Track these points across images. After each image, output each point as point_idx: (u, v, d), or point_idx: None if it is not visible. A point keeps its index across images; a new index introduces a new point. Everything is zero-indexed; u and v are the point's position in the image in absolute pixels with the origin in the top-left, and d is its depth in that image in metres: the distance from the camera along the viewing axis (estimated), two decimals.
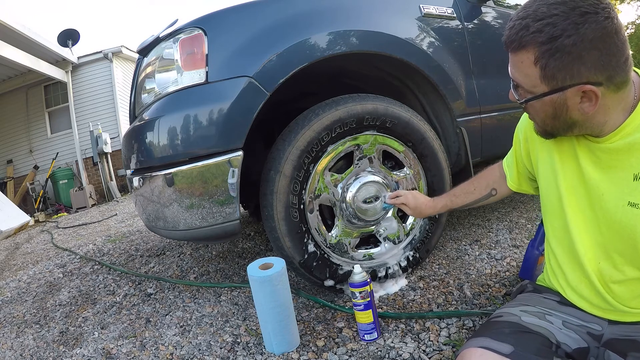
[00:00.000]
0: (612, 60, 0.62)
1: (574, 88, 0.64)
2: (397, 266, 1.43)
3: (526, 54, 0.66)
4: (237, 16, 1.27)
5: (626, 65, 0.64)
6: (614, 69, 0.63)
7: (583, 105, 0.66)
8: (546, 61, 0.64)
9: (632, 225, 0.70)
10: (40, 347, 1.43)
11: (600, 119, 0.68)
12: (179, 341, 1.29)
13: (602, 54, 0.61)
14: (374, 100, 1.34)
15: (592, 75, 0.63)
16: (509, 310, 0.84)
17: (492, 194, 1.07)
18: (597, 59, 0.61)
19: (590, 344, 0.77)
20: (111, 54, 8.31)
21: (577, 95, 0.65)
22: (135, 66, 1.63)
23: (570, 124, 0.70)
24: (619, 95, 0.66)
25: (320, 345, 1.13)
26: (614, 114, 0.68)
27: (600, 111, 0.67)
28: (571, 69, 0.63)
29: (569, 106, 0.67)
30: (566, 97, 0.66)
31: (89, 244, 3.26)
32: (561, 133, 0.75)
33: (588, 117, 0.68)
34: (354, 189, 1.33)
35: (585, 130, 0.72)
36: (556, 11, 0.61)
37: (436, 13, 1.53)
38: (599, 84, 0.63)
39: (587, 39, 0.60)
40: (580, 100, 0.66)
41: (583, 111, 0.67)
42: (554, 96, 0.67)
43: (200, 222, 1.22)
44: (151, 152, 1.23)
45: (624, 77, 0.64)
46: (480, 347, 0.72)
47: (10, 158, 8.39)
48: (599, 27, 0.60)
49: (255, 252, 2.11)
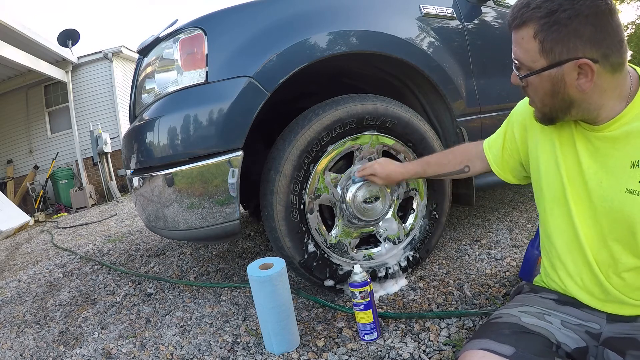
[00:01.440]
0: (607, 38, 0.66)
1: (571, 62, 0.68)
2: (397, 266, 1.43)
3: (526, 29, 0.70)
4: (237, 16, 1.27)
5: (621, 47, 0.67)
6: (608, 47, 0.66)
7: (580, 82, 0.69)
8: (544, 34, 0.68)
9: (629, 212, 0.71)
10: (40, 347, 1.43)
11: (597, 100, 0.71)
12: (179, 341, 1.29)
13: (597, 31, 0.65)
14: (374, 100, 1.34)
15: (587, 50, 0.66)
16: (508, 311, 0.84)
17: (465, 170, 1.09)
18: (592, 34, 0.65)
19: (589, 343, 0.77)
20: (111, 54, 8.31)
21: (574, 70, 0.68)
22: (135, 66, 1.63)
23: (568, 103, 0.73)
24: (615, 78, 0.69)
25: (320, 345, 1.13)
26: (611, 99, 0.71)
27: (596, 91, 0.70)
28: (567, 42, 0.67)
29: (567, 82, 0.70)
30: (564, 72, 0.69)
31: (89, 244, 3.26)
32: (559, 115, 0.76)
33: (585, 96, 0.71)
34: (354, 189, 1.33)
35: (582, 112, 0.73)
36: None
37: (436, 13, 1.53)
38: (595, 61, 0.67)
39: (583, 14, 0.65)
40: (577, 76, 0.69)
41: (580, 88, 0.69)
42: (552, 71, 0.70)
43: (200, 222, 1.22)
44: (151, 152, 1.23)
45: (619, 59, 0.68)
46: (481, 349, 0.72)
47: (10, 158, 8.40)
48: (593, 4, 0.65)
49: (255, 252, 2.11)
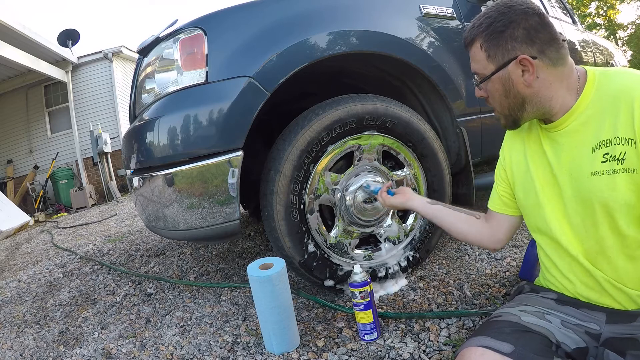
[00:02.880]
0: (539, 36, 0.77)
1: (513, 62, 0.78)
2: (397, 266, 1.43)
3: (476, 44, 0.83)
4: (237, 16, 1.27)
5: (556, 43, 0.78)
6: (542, 43, 0.77)
7: (525, 77, 0.79)
8: (488, 44, 0.81)
9: (600, 193, 0.75)
10: (40, 347, 1.43)
11: (545, 92, 0.80)
12: (179, 341, 1.29)
13: (529, 32, 0.77)
14: (374, 100, 1.34)
15: (524, 48, 0.78)
16: (508, 310, 0.84)
17: (476, 217, 1.06)
18: (524, 35, 0.77)
19: (589, 343, 0.77)
20: (111, 54, 8.30)
21: (518, 68, 0.79)
22: (135, 66, 1.63)
23: (521, 99, 0.82)
24: (558, 71, 0.79)
25: (320, 345, 1.13)
26: (559, 90, 0.79)
27: (543, 84, 0.79)
28: (505, 45, 0.79)
29: (514, 80, 0.80)
30: (509, 72, 0.80)
31: (89, 244, 3.26)
32: (518, 114, 0.84)
33: (533, 90, 0.80)
34: (354, 189, 1.33)
35: (536, 106, 0.81)
36: (491, 10, 0.81)
37: (436, 13, 1.53)
38: (533, 57, 0.77)
39: (514, 21, 0.78)
40: (522, 73, 0.79)
41: (526, 82, 0.79)
42: (499, 73, 0.81)
43: (200, 222, 1.22)
44: (151, 152, 1.23)
45: (556, 54, 0.78)
46: (481, 346, 0.73)
47: (10, 158, 8.39)
48: (519, 12, 0.78)
49: (255, 252, 2.11)
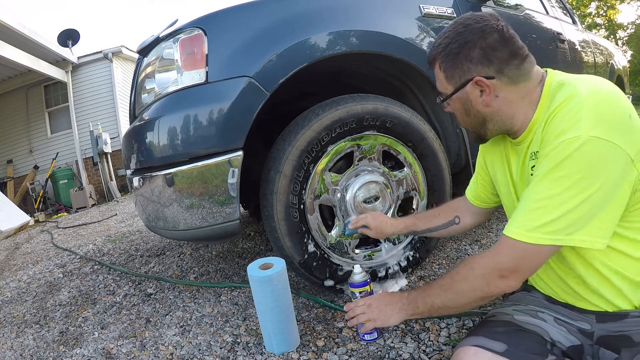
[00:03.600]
0: (497, 55, 0.75)
1: (470, 83, 0.78)
2: (397, 266, 1.43)
3: (436, 64, 0.83)
4: (237, 16, 1.27)
5: (516, 61, 0.76)
6: (500, 62, 0.75)
7: (483, 98, 0.78)
8: (445, 65, 0.80)
9: None
10: (40, 347, 1.43)
11: (506, 110, 0.79)
12: (179, 341, 1.29)
13: (485, 52, 0.75)
14: (374, 100, 1.34)
15: (480, 69, 0.76)
16: (501, 310, 0.86)
17: (455, 222, 1.11)
18: (480, 56, 0.76)
19: (584, 341, 0.78)
20: (111, 54, 8.30)
21: (475, 89, 0.78)
22: (135, 66, 1.63)
23: (481, 118, 0.82)
24: (519, 89, 0.77)
25: (320, 345, 1.13)
26: (521, 107, 0.78)
27: (503, 104, 0.78)
28: (461, 67, 0.78)
29: (472, 100, 0.80)
30: (467, 92, 0.80)
31: (89, 244, 3.26)
32: (481, 132, 0.85)
33: (493, 109, 0.79)
34: (354, 189, 1.33)
35: (498, 124, 0.81)
36: (449, 29, 0.80)
37: (436, 13, 1.53)
38: (491, 77, 0.76)
39: (470, 42, 0.76)
40: (480, 93, 0.78)
41: (485, 103, 0.79)
42: (458, 94, 0.81)
43: (200, 222, 1.22)
44: (151, 152, 1.23)
45: (516, 71, 0.76)
46: (474, 346, 0.74)
47: (10, 158, 8.39)
48: (476, 31, 0.76)
49: (255, 252, 2.11)
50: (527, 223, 0.70)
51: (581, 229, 0.67)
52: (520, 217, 0.71)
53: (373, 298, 1.02)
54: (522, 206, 0.72)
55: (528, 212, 0.70)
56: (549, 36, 2.28)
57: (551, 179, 0.67)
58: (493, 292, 0.75)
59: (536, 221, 0.68)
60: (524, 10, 2.13)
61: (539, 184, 0.69)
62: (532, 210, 0.69)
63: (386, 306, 0.97)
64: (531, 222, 0.69)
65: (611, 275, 0.73)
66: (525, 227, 0.70)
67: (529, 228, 0.69)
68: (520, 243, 0.70)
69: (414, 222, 1.18)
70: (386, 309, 0.97)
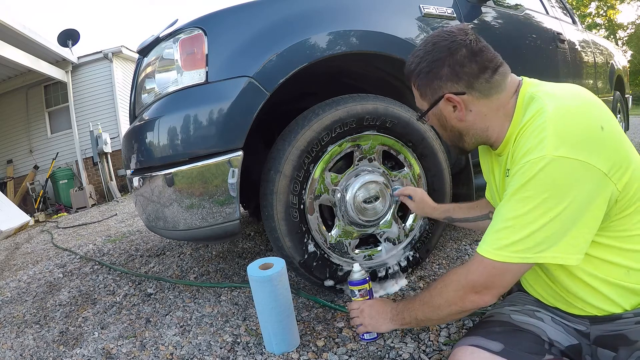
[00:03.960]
0: (465, 71, 0.76)
1: (442, 100, 0.80)
2: (397, 266, 1.43)
3: (411, 82, 0.85)
4: (237, 16, 1.27)
5: (486, 74, 0.76)
6: (470, 77, 0.76)
7: (457, 114, 0.80)
8: (418, 83, 0.83)
9: None
10: (40, 347, 1.43)
11: (481, 124, 0.80)
12: (179, 341, 1.29)
13: (453, 68, 0.76)
14: (374, 100, 1.34)
15: (450, 86, 0.78)
16: (499, 310, 0.87)
17: (489, 216, 1.10)
18: (449, 73, 0.77)
19: (581, 341, 0.78)
20: (111, 54, 8.30)
21: (448, 105, 0.80)
22: (135, 66, 1.63)
23: (457, 132, 0.84)
24: (492, 101, 0.77)
25: (320, 345, 1.13)
26: (495, 119, 0.79)
27: (477, 117, 0.79)
28: (432, 85, 0.80)
29: (446, 116, 0.82)
30: (440, 109, 0.82)
31: (89, 244, 3.26)
32: (459, 144, 0.87)
33: (467, 124, 0.81)
34: (354, 189, 1.33)
35: (474, 137, 0.83)
36: (420, 48, 0.82)
37: (436, 13, 1.53)
38: (461, 93, 0.77)
39: (438, 60, 0.77)
40: (453, 109, 0.80)
41: (459, 118, 0.80)
42: (433, 110, 0.83)
43: (200, 222, 1.22)
44: (151, 152, 1.23)
45: (486, 85, 0.76)
46: (471, 345, 0.75)
47: (10, 158, 8.39)
48: (444, 49, 0.77)
49: (255, 252, 2.11)
50: (496, 242, 0.71)
51: (552, 246, 0.67)
52: (490, 236, 0.72)
53: (366, 304, 1.05)
54: (493, 224, 0.73)
55: (497, 231, 0.71)
56: (549, 36, 2.28)
57: (517, 199, 0.68)
58: (469, 307, 0.76)
59: (504, 240, 0.69)
60: (524, 10, 2.13)
61: (507, 203, 0.70)
62: (501, 229, 0.70)
63: (378, 314, 1.01)
64: (500, 241, 0.70)
65: (598, 284, 0.73)
66: (493, 245, 0.71)
67: (497, 246, 0.70)
68: (488, 260, 0.71)
69: (453, 209, 1.20)
70: (378, 317, 1.01)
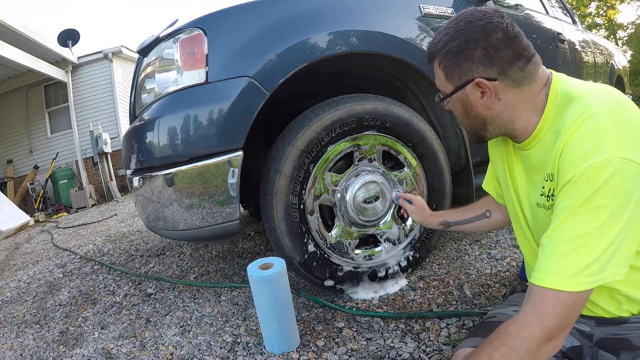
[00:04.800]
0: (500, 55, 0.70)
1: (470, 84, 0.74)
2: (397, 266, 1.43)
3: (435, 62, 0.79)
4: (237, 16, 1.27)
5: (520, 62, 0.71)
6: (503, 63, 0.70)
7: (484, 100, 0.74)
8: (445, 63, 0.76)
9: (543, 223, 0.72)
10: (40, 347, 1.43)
11: (507, 114, 0.75)
12: (179, 341, 1.29)
13: (487, 52, 0.70)
14: (374, 100, 1.34)
15: (481, 70, 0.72)
16: (501, 310, 0.86)
17: (487, 215, 1.09)
18: (482, 55, 0.71)
19: (583, 342, 0.78)
20: (111, 54, 8.30)
21: (476, 90, 0.74)
22: (135, 66, 1.63)
23: (481, 120, 0.78)
24: (522, 92, 0.72)
25: (320, 345, 1.13)
26: (523, 112, 0.74)
27: (505, 107, 0.74)
28: (462, 66, 0.73)
29: (472, 102, 0.76)
30: (467, 93, 0.75)
31: (89, 244, 3.26)
32: (481, 134, 0.81)
33: (494, 112, 0.75)
34: (354, 189, 1.33)
35: (498, 127, 0.78)
36: (450, 25, 0.75)
37: (436, 13, 1.53)
38: (492, 79, 0.71)
39: (472, 40, 0.71)
40: (481, 95, 0.74)
41: (485, 105, 0.74)
42: (458, 94, 0.77)
43: (200, 222, 1.22)
44: (151, 152, 1.23)
45: (520, 74, 0.71)
46: (473, 347, 0.74)
47: (10, 158, 8.39)
48: (479, 29, 0.71)
49: (255, 252, 2.11)
50: (568, 268, 0.60)
51: (611, 262, 0.60)
52: (557, 262, 0.61)
53: None
54: (554, 248, 0.62)
55: (566, 254, 0.60)
56: (549, 36, 2.28)
57: (587, 210, 0.59)
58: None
59: (579, 263, 0.59)
60: (524, 10, 2.13)
61: (571, 217, 0.60)
62: (571, 250, 0.60)
63: None
64: (573, 266, 0.60)
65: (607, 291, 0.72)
66: (566, 272, 0.60)
67: (571, 273, 0.60)
68: (565, 294, 0.60)
69: (447, 213, 1.18)
70: None
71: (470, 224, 1.13)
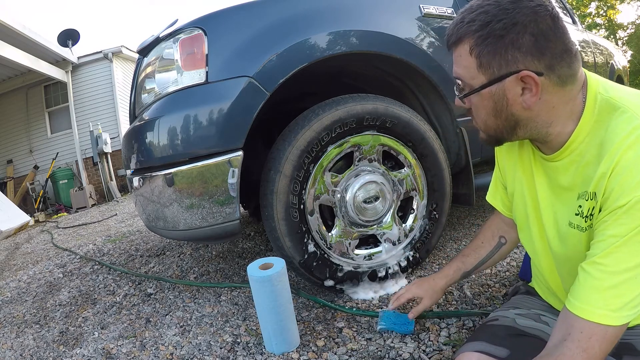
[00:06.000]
0: (550, 47, 0.60)
1: (512, 77, 0.62)
2: (397, 266, 1.43)
3: (463, 45, 0.64)
4: (238, 16, 1.27)
5: (568, 57, 0.61)
6: (553, 57, 0.60)
7: (525, 98, 0.63)
8: (480, 48, 0.62)
9: (575, 243, 0.68)
10: (40, 347, 1.43)
11: (545, 117, 0.65)
12: (179, 341, 1.29)
13: (537, 40, 0.59)
14: (374, 100, 1.34)
15: (529, 62, 0.60)
16: (503, 313, 0.84)
17: (502, 242, 1.01)
18: (532, 44, 0.59)
19: None
20: (111, 54, 8.31)
21: (517, 85, 0.62)
22: (135, 66, 1.63)
23: (514, 122, 0.66)
24: (564, 93, 0.63)
25: (320, 345, 1.13)
26: (561, 116, 0.64)
27: (544, 108, 0.64)
28: (505, 54, 0.61)
29: (509, 99, 0.64)
30: (505, 88, 0.63)
31: (89, 244, 3.26)
32: (505, 137, 0.70)
33: (531, 114, 0.64)
34: (354, 189, 1.33)
35: (530, 131, 0.67)
36: (490, 2, 0.62)
37: (436, 13, 1.53)
38: (540, 74, 0.60)
39: (520, 23, 0.59)
40: (521, 91, 0.63)
41: (525, 104, 0.63)
42: (492, 88, 0.64)
43: (200, 222, 1.22)
44: (151, 152, 1.23)
45: (567, 70, 0.61)
46: (476, 352, 0.72)
47: (10, 158, 8.39)
48: (530, 11, 0.59)
49: (255, 252, 2.11)
50: (614, 301, 0.57)
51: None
52: (604, 294, 0.57)
53: None
54: (602, 279, 0.58)
55: (614, 287, 0.57)
56: None
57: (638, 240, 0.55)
58: None
59: (625, 296, 0.56)
60: None
61: (623, 248, 0.56)
62: (619, 284, 0.57)
63: None
64: (618, 299, 0.57)
65: None
66: (611, 307, 0.57)
67: (616, 307, 0.57)
68: (612, 329, 0.57)
69: (462, 262, 1.04)
70: None
71: (490, 260, 1.03)
